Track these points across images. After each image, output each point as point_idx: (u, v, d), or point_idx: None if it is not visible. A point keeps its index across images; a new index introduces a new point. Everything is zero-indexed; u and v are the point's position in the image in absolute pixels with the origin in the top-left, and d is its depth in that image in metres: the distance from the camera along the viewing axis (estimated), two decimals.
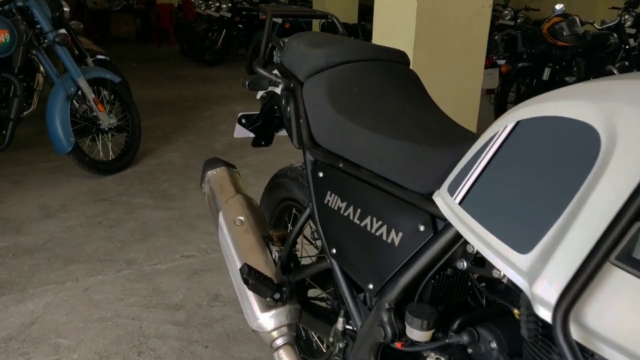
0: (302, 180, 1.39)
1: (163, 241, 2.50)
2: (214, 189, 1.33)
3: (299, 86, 1.15)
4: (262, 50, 1.31)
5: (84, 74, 3.13)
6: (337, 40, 1.19)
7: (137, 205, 2.89)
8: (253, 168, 3.57)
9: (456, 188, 0.75)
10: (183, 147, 3.98)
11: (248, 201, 1.30)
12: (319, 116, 1.07)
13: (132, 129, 3.50)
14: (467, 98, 3.03)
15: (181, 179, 3.33)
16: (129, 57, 8.44)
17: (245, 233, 1.23)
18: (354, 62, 1.12)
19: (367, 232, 0.92)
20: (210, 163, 1.41)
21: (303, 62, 1.15)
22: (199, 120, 4.77)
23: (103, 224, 2.66)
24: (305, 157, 1.10)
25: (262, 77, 1.29)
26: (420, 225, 0.84)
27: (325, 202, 1.02)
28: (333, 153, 1.03)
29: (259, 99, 1.57)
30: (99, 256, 2.33)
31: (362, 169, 0.96)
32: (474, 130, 3.02)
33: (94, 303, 1.97)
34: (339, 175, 1.01)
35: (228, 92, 6.03)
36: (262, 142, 1.66)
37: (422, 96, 1.10)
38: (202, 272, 2.23)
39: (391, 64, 1.15)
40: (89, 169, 3.19)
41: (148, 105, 5.25)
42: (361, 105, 1.03)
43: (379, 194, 0.91)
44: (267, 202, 1.65)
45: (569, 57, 4.56)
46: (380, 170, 0.92)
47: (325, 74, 1.09)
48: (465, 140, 0.83)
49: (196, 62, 7.89)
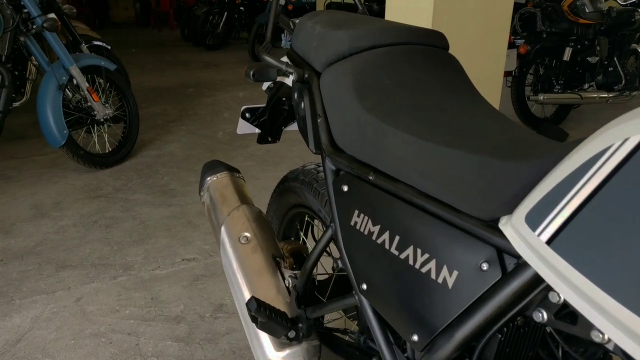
0: (318, 187, 1.19)
1: (163, 242, 2.31)
2: (214, 199, 1.13)
3: (316, 77, 0.95)
4: (269, 33, 1.10)
5: (77, 62, 2.92)
6: (361, 20, 0.98)
7: (135, 202, 2.71)
8: (257, 159, 3.37)
9: (540, 220, 0.55)
10: (184, 137, 3.78)
11: (255, 213, 1.10)
12: (342, 115, 0.86)
13: (129, 119, 3.30)
14: (488, 82, 2.80)
15: (182, 172, 3.14)
16: (128, 42, 8.20)
17: (252, 253, 1.03)
18: (384, 46, 0.91)
19: (410, 267, 0.72)
20: (209, 167, 1.20)
21: (320, 47, 0.94)
22: (200, 108, 4.56)
23: (98, 223, 2.47)
24: (325, 165, 0.90)
25: (269, 66, 1.08)
26: (482, 263, 0.64)
27: (351, 224, 0.82)
28: (361, 162, 0.83)
29: (266, 90, 1.37)
30: (93, 260, 2.15)
31: (401, 184, 0.76)
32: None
33: (86, 316, 1.80)
34: (369, 191, 0.80)
35: (230, 78, 5.80)
36: (269, 138, 1.46)
37: (470, 90, 0.89)
38: (204, 277, 2.05)
39: (429, 49, 0.94)
40: (84, 163, 3.00)
41: (147, 93, 5.04)
42: (397, 102, 0.82)
43: (424, 218, 0.71)
44: (275, 207, 1.45)
45: (591, 35, 4.29)
46: (425, 187, 0.72)
47: (349, 61, 0.88)
48: (544, 153, 0.63)
49: (197, 46, 7.65)
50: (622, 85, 4.43)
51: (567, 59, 4.23)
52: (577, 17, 4.21)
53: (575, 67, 4.34)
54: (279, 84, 1.30)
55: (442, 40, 0.98)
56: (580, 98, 4.26)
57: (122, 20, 10.94)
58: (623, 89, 4.43)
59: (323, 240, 0.91)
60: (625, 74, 4.43)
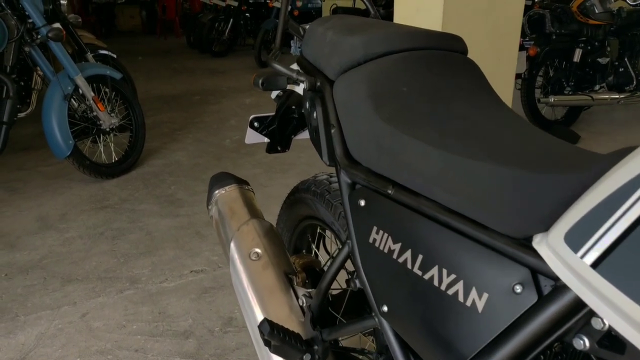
0: (330, 198, 1.14)
1: (170, 254, 2.27)
2: (223, 213, 1.08)
3: (328, 85, 0.90)
4: (278, 39, 1.05)
5: (82, 71, 2.89)
6: (374, 25, 0.93)
7: (142, 213, 2.67)
8: (265, 166, 3.33)
9: (582, 240, 0.50)
10: (191, 146, 3.75)
11: (265, 228, 1.05)
12: (357, 125, 0.81)
13: (135, 128, 3.27)
14: (499, 86, 2.74)
15: (189, 181, 3.10)
16: (134, 50, 8.22)
17: (263, 270, 0.98)
18: (401, 52, 0.86)
19: (435, 288, 0.67)
20: (217, 180, 1.16)
21: (333, 53, 0.89)
22: (207, 116, 4.53)
23: (105, 235, 2.44)
24: (340, 177, 0.85)
25: (278, 74, 1.04)
26: (516, 285, 0.59)
27: (370, 241, 0.77)
28: (379, 175, 0.78)
29: (275, 98, 1.32)
30: (99, 274, 2.11)
31: (423, 199, 0.71)
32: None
33: (92, 332, 1.75)
34: (388, 206, 0.75)
35: (237, 85, 5.77)
36: (279, 147, 1.42)
37: (492, 97, 0.83)
38: (213, 290, 2.00)
39: (447, 54, 0.89)
40: (90, 173, 2.97)
41: (154, 101, 5.02)
42: (416, 111, 0.77)
43: (449, 236, 0.66)
44: (286, 219, 1.40)
45: (601, 36, 4.23)
46: (450, 202, 0.67)
47: (363, 68, 0.84)
48: (584, 165, 0.57)
49: (203, 53, 7.65)
50: (634, 86, 4.35)
51: (577, 60, 4.16)
52: (587, 18, 4.15)
53: (586, 69, 4.27)
54: (288, 92, 1.25)
55: (460, 44, 0.93)
56: (591, 99, 4.19)
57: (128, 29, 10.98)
58: (635, 89, 4.35)
59: (339, 258, 0.86)
60: (636, 75, 4.36)
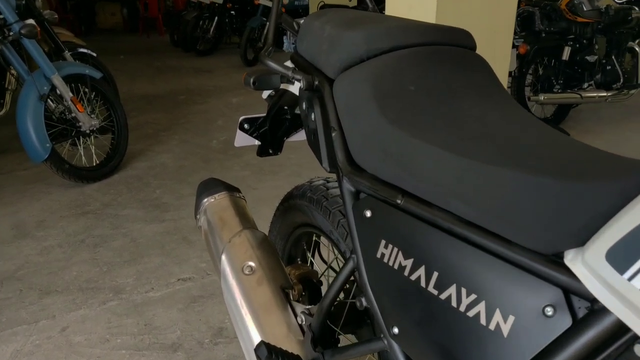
0: (328, 205, 1.06)
1: (156, 261, 2.17)
2: (213, 223, 1.00)
3: (327, 84, 0.82)
4: (270, 35, 0.97)
5: (59, 70, 2.77)
6: (376, 19, 0.85)
7: (125, 218, 2.56)
8: (254, 168, 3.24)
9: (629, 259, 0.44)
10: (176, 147, 3.64)
11: (259, 239, 0.97)
12: (361, 128, 0.74)
13: (117, 129, 3.15)
14: None
15: (175, 184, 3.00)
16: (116, 49, 8.03)
17: (257, 285, 0.90)
18: (406, 47, 0.79)
19: (452, 309, 0.60)
20: (206, 187, 1.07)
21: (332, 50, 0.81)
22: (192, 116, 4.42)
23: (86, 242, 2.33)
24: (342, 185, 0.77)
25: (271, 72, 0.96)
26: (546, 307, 0.52)
27: (377, 257, 0.70)
28: (386, 183, 0.71)
29: (266, 98, 1.24)
30: (80, 284, 2.00)
31: (437, 210, 0.63)
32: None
33: (73, 347, 1.65)
34: (397, 217, 0.68)
35: (223, 84, 5.66)
36: (270, 150, 1.34)
37: (505, 96, 0.77)
38: (202, 299, 1.91)
39: (455, 50, 0.82)
40: (69, 177, 2.85)
41: (137, 101, 4.89)
42: (425, 112, 0.70)
43: (468, 251, 0.59)
44: (279, 227, 1.32)
45: (589, 34, 4.22)
46: (468, 214, 0.60)
47: (367, 66, 0.76)
48: (623, 173, 0.51)
49: (187, 52, 7.50)
50: (621, 84, 4.36)
51: (566, 58, 4.15)
52: (575, 16, 4.13)
53: (575, 67, 4.26)
54: (281, 92, 1.17)
55: (469, 39, 0.86)
56: (580, 98, 4.18)
57: (109, 27, 10.75)
58: (621, 87, 4.35)
59: (343, 274, 0.78)
60: (623, 72, 4.37)
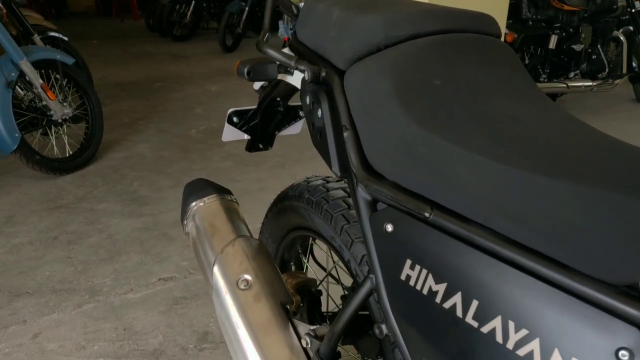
0: (329, 209, 0.96)
1: (135, 259, 2.05)
2: (202, 230, 0.89)
3: (337, 76, 0.72)
4: (267, 19, 0.87)
5: (28, 55, 2.59)
6: (391, 2, 0.75)
7: (101, 213, 2.42)
8: (236, 159, 3.12)
9: None
10: (154, 136, 3.48)
11: (254, 248, 0.87)
12: (379, 127, 0.64)
13: (91, 118, 2.98)
14: None
15: (153, 176, 2.86)
16: (88, 33, 7.73)
17: (255, 302, 0.80)
18: (429, 35, 0.69)
19: (498, 346, 0.51)
20: (193, 189, 0.96)
21: (343, 36, 0.71)
22: (170, 104, 4.25)
23: (59, 239, 2.19)
24: (357, 194, 0.67)
25: (268, 61, 0.85)
26: (621, 351, 0.44)
27: (402, 279, 0.60)
28: (411, 192, 0.61)
29: (258, 89, 1.14)
30: (53, 285, 1.87)
31: (475, 227, 0.54)
32: None
33: (46, 355, 1.53)
34: (426, 234, 0.59)
35: (201, 70, 5.48)
36: (260, 145, 1.24)
37: (537, 91, 0.68)
38: (184, 300, 1.80)
39: (481, 38, 0.72)
40: (41, 169, 2.68)
41: (112, 88, 4.69)
42: (455, 110, 0.61)
43: (517, 277, 0.50)
44: (271, 229, 1.22)
45: (575, 22, 4.19)
46: (516, 233, 0.51)
47: (385, 56, 0.66)
48: None
49: (164, 37, 7.26)
50: (606, 74, 4.35)
51: (553, 47, 4.11)
52: (562, 4, 4.09)
53: (561, 56, 4.22)
54: (274, 82, 1.07)
55: (494, 26, 0.76)
56: (566, 87, 4.16)
57: (82, 10, 10.36)
58: (606, 77, 4.35)
59: (358, 297, 0.69)
60: (608, 62, 4.35)
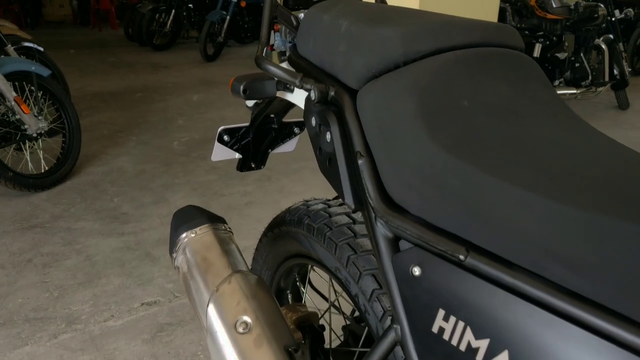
0: (333, 237, 0.88)
1: (115, 283, 1.93)
2: (194, 266, 0.80)
3: (348, 96, 0.64)
4: (265, 31, 0.78)
5: (1, 67, 2.47)
6: (405, 13, 0.68)
7: (79, 232, 2.30)
8: (220, 172, 3.02)
9: None
10: (135, 149, 3.36)
11: (253, 285, 0.78)
12: (402, 155, 0.56)
13: (68, 131, 2.85)
14: None
15: (135, 191, 2.74)
16: (65, 43, 7.54)
17: (255, 348, 0.71)
18: (451, 49, 0.61)
19: None
20: (183, 218, 0.87)
21: (355, 52, 0.63)
22: (151, 115, 4.13)
23: (33, 262, 2.06)
24: (375, 229, 0.59)
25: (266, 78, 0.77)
26: None
27: (433, 331, 0.52)
28: (443, 230, 0.53)
29: (252, 106, 1.05)
30: (26, 314, 1.74)
31: (525, 274, 0.47)
32: None
33: None
34: (463, 280, 0.51)
35: (182, 80, 5.36)
36: (252, 164, 1.16)
37: (573, 115, 0.61)
38: (170, 327, 1.70)
39: (506, 52, 0.65)
40: (14, 186, 2.54)
41: (90, 99, 4.54)
42: (491, 138, 0.53)
43: (581, 336, 0.43)
44: (266, 256, 1.13)
45: (559, 31, 4.21)
46: (576, 284, 0.43)
47: (405, 74, 0.59)
48: None
49: (143, 46, 7.12)
50: (589, 81, 4.37)
51: (537, 55, 4.12)
52: (545, 13, 4.11)
53: (545, 64, 4.23)
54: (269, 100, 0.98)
55: (517, 38, 0.70)
56: None
57: (58, 19, 10.14)
58: (590, 84, 4.37)
59: (380, 349, 0.60)
60: (591, 70, 4.38)
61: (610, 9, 4.54)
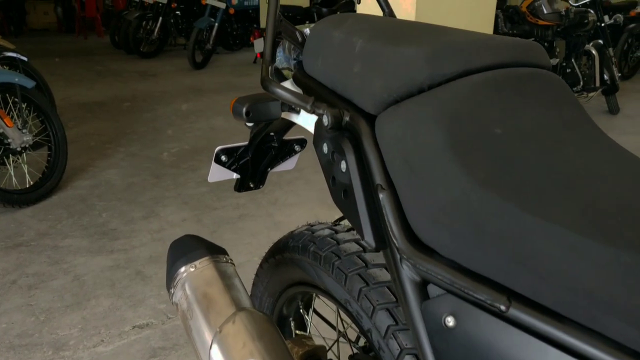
0: (342, 267, 0.82)
1: (105, 304, 1.85)
2: (195, 303, 0.74)
3: (366, 122, 0.58)
4: (269, 48, 0.72)
5: None
6: (423, 30, 0.62)
7: (66, 250, 2.21)
8: (211, 184, 2.94)
9: None
10: (123, 161, 3.28)
11: (259, 324, 0.72)
12: (430, 190, 0.51)
13: (54, 144, 2.76)
14: None
15: (124, 205, 2.65)
16: (50, 51, 7.41)
17: None
18: (480, 71, 0.56)
19: None
20: (181, 249, 0.80)
21: (373, 73, 0.57)
22: (139, 125, 4.04)
23: (18, 284, 1.96)
24: (401, 272, 0.53)
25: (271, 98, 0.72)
26: None
27: None
28: (478, 276, 0.48)
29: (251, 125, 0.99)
30: (10, 340, 1.65)
31: (574, 327, 0.41)
32: None
33: None
34: (504, 334, 0.45)
35: (170, 89, 5.28)
36: (251, 183, 1.10)
37: (606, 137, 0.56)
38: (163, 351, 1.62)
39: (535, 72, 0.60)
40: None
41: (76, 109, 4.44)
42: (528, 171, 0.48)
43: None
44: (267, 282, 1.07)
45: (550, 37, 4.21)
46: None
47: (431, 99, 0.53)
48: None
49: (130, 54, 7.02)
50: (581, 87, 4.38)
51: None
52: (537, 19, 4.11)
53: None
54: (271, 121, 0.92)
55: (544, 56, 0.64)
56: None
57: (42, 27, 9.99)
58: (581, 90, 4.38)
59: None
60: (582, 75, 4.39)
61: (599, 14, 4.55)
